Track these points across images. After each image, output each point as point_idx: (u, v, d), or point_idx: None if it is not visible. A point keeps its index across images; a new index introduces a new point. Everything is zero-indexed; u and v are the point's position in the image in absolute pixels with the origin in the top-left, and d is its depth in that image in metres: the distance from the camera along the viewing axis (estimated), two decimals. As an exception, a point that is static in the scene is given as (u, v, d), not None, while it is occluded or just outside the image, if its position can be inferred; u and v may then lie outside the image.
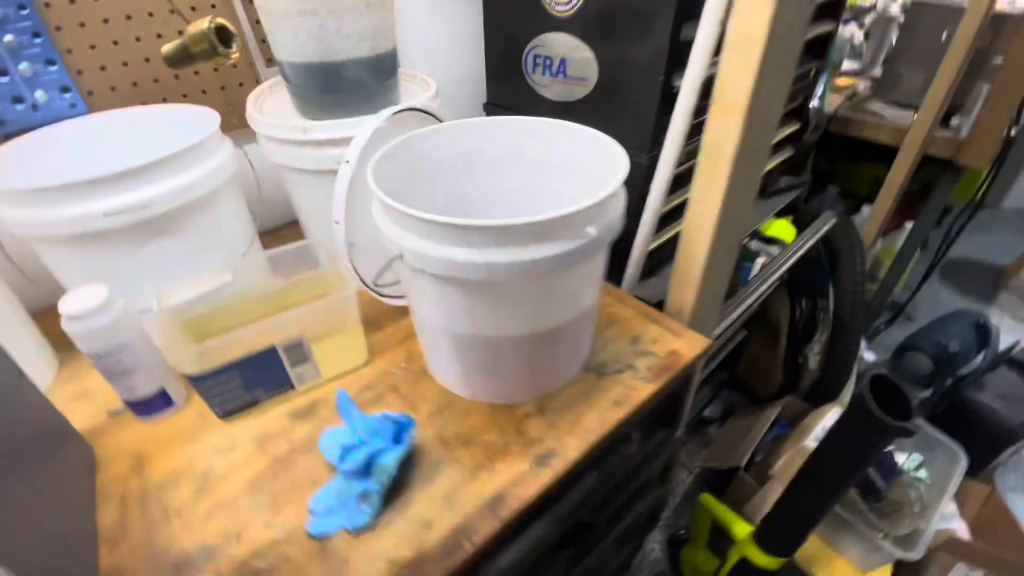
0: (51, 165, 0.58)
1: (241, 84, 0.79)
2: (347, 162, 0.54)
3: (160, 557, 0.44)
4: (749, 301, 1.01)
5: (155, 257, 0.56)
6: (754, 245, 1.12)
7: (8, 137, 0.59)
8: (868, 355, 1.72)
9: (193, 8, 0.72)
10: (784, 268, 1.08)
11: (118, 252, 0.54)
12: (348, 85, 0.63)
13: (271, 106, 0.71)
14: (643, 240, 0.75)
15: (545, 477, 0.49)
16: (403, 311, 0.69)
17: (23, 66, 0.60)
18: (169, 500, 0.48)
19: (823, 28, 1.02)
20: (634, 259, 0.77)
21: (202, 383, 0.50)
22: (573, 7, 0.74)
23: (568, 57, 0.78)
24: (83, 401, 0.58)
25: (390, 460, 0.46)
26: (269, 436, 0.54)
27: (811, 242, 1.18)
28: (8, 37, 0.58)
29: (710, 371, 1.37)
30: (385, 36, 0.63)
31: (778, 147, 1.15)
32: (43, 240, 0.53)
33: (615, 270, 0.77)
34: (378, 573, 0.42)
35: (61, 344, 0.62)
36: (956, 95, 1.32)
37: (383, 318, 0.69)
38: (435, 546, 0.44)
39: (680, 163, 0.68)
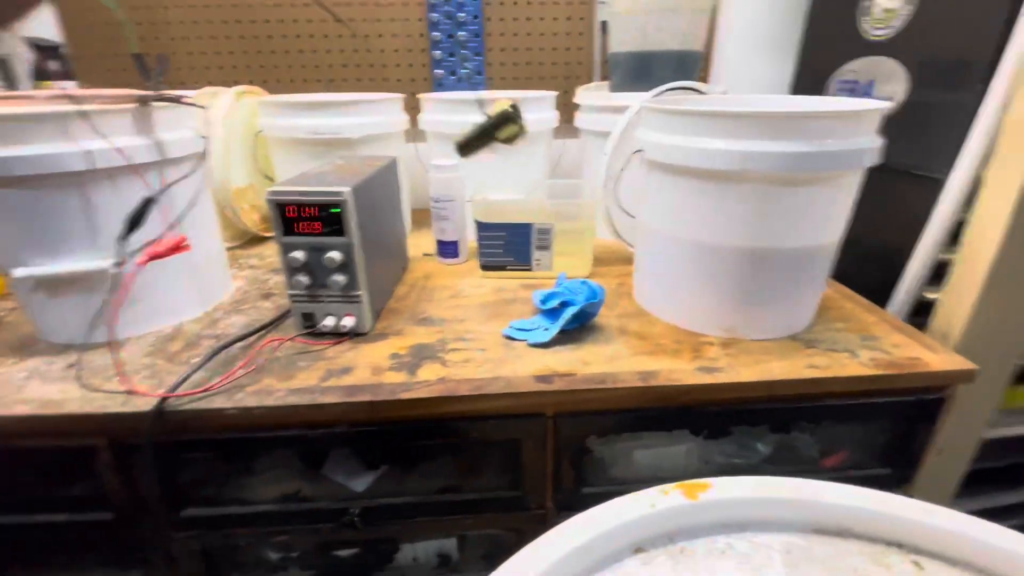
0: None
1: (579, 77, 1.08)
2: (629, 109, 0.70)
3: (416, 313, 0.65)
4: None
5: (489, 161, 0.83)
6: None
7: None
8: None
9: (568, 33, 1.03)
10: None
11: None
12: (653, 71, 0.80)
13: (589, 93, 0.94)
14: (925, 251, 0.65)
15: (703, 378, 0.51)
16: (629, 259, 0.79)
17: (463, 52, 0.99)
18: (434, 295, 0.70)
19: None
20: (910, 272, 0.67)
21: (484, 230, 0.72)
22: (892, 30, 0.75)
23: (876, 79, 0.78)
24: (414, 247, 0.88)
25: (574, 307, 0.57)
26: (504, 288, 0.72)
27: None
28: (462, 34, 0.97)
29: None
30: (693, 39, 0.78)
31: None
32: (443, 137, 0.85)
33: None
34: (538, 365, 0.53)
35: (421, 224, 0.99)
36: None
37: (613, 259, 0.80)
38: (585, 374, 0.52)
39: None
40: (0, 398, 0.49)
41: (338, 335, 0.58)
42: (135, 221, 0.52)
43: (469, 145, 0.70)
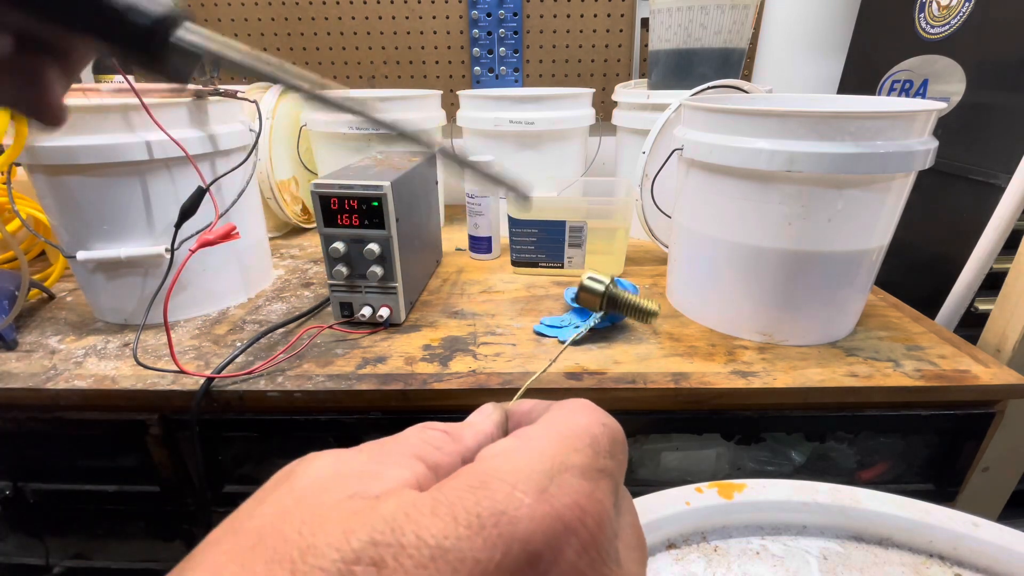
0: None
1: (617, 74, 1.07)
2: (669, 107, 0.69)
3: (449, 306, 0.66)
4: None
5: (524, 158, 0.84)
6: None
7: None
8: None
9: (608, 30, 1.02)
10: None
11: (509, 148, 0.84)
12: (694, 69, 0.79)
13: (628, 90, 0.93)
14: (979, 259, 0.63)
15: (737, 382, 0.50)
16: (663, 259, 0.78)
17: (501, 50, 0.99)
18: (465, 290, 0.71)
19: None
20: (961, 282, 0.65)
21: (517, 226, 0.72)
22: (950, 28, 0.72)
23: (931, 78, 0.75)
24: (446, 241, 0.89)
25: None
26: (535, 284, 0.72)
27: None
28: (501, 31, 0.98)
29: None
30: (738, 36, 0.77)
31: None
32: (479, 134, 0.86)
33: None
34: (568, 363, 0.53)
35: (453, 219, 0.99)
36: None
37: (647, 259, 0.80)
38: (615, 373, 0.51)
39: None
40: (60, 373, 0.52)
41: (374, 325, 0.59)
42: (189, 209, 0.55)
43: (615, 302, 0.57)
